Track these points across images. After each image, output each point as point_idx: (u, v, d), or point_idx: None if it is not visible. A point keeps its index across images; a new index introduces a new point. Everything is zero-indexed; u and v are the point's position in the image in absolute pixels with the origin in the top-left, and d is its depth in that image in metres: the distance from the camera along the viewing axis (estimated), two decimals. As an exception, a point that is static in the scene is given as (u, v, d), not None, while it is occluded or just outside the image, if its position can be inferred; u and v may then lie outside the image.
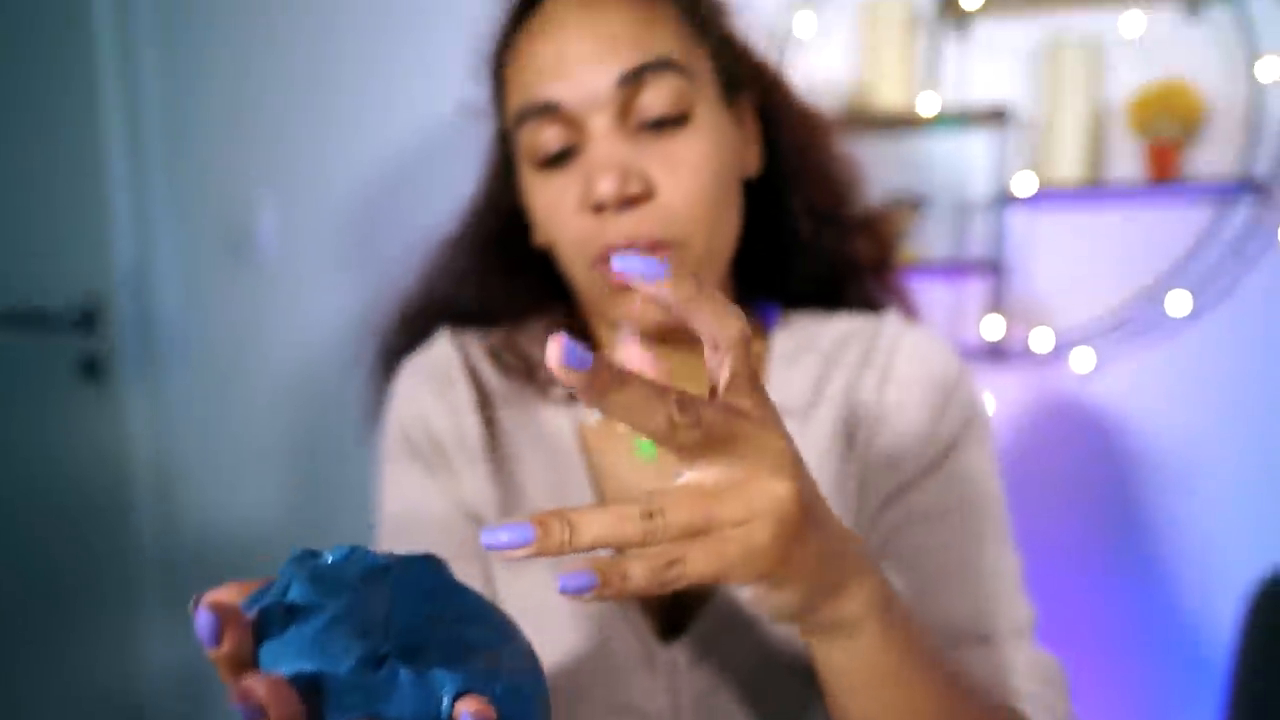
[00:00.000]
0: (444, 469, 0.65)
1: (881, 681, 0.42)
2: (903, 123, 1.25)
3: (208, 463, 1.61)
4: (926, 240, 1.30)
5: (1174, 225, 1.21)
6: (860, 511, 0.64)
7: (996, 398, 1.26)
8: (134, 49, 1.54)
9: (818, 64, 1.30)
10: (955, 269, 1.28)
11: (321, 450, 1.52)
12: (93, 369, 1.60)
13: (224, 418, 1.60)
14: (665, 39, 0.59)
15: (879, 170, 1.28)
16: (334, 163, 1.49)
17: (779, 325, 0.71)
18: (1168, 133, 1.15)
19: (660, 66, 0.58)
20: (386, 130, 1.46)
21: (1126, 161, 1.22)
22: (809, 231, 0.70)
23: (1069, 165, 1.19)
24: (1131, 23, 1.20)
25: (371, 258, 1.46)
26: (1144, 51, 1.20)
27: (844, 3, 1.28)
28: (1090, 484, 1.26)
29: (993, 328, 1.25)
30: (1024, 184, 1.21)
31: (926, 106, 1.23)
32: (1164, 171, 1.16)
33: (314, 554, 0.33)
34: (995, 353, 1.25)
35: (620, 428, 0.66)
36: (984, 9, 1.22)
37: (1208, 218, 1.19)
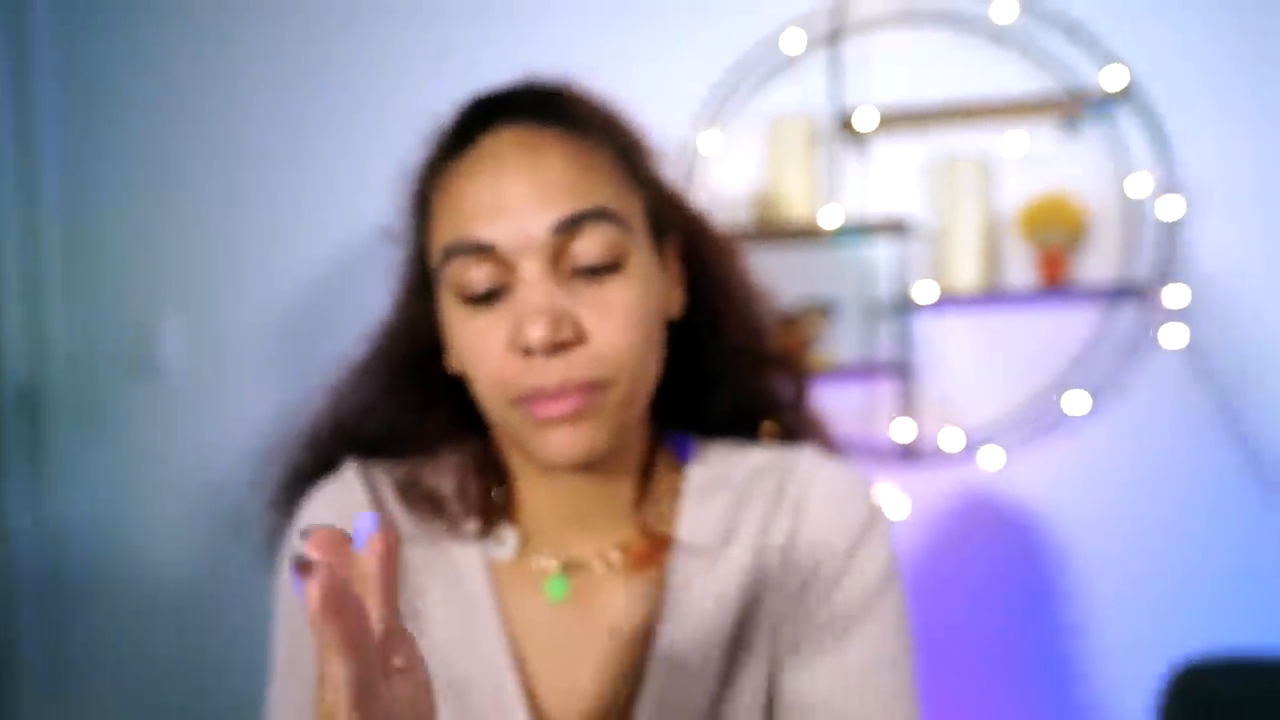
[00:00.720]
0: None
1: None
2: (808, 234, 1.29)
3: (97, 585, 1.52)
4: (836, 345, 1.33)
5: (1067, 327, 1.26)
6: (768, 657, 0.63)
7: (911, 497, 1.28)
8: (35, 161, 1.51)
9: (725, 178, 1.35)
10: (865, 372, 1.31)
11: (220, 574, 1.45)
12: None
13: (118, 537, 1.51)
14: (602, 186, 0.60)
15: (789, 278, 1.33)
16: (245, 280, 1.47)
17: (695, 459, 0.70)
18: (1055, 241, 1.21)
19: (596, 216, 0.58)
20: (300, 248, 1.45)
21: (1020, 268, 1.27)
22: (728, 367, 0.71)
23: (966, 272, 1.24)
24: (1016, 140, 1.27)
25: (284, 377, 1.43)
26: (1029, 166, 1.27)
27: (749, 121, 1.33)
28: (1003, 580, 1.28)
29: (903, 429, 1.27)
30: (925, 291, 1.25)
31: (829, 219, 1.27)
32: (1054, 277, 1.22)
33: None
34: (907, 453, 1.27)
35: (533, 567, 0.65)
36: (881, 127, 1.28)
37: (1097, 320, 1.25)
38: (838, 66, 1.30)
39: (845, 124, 1.28)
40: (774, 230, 1.30)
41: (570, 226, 0.57)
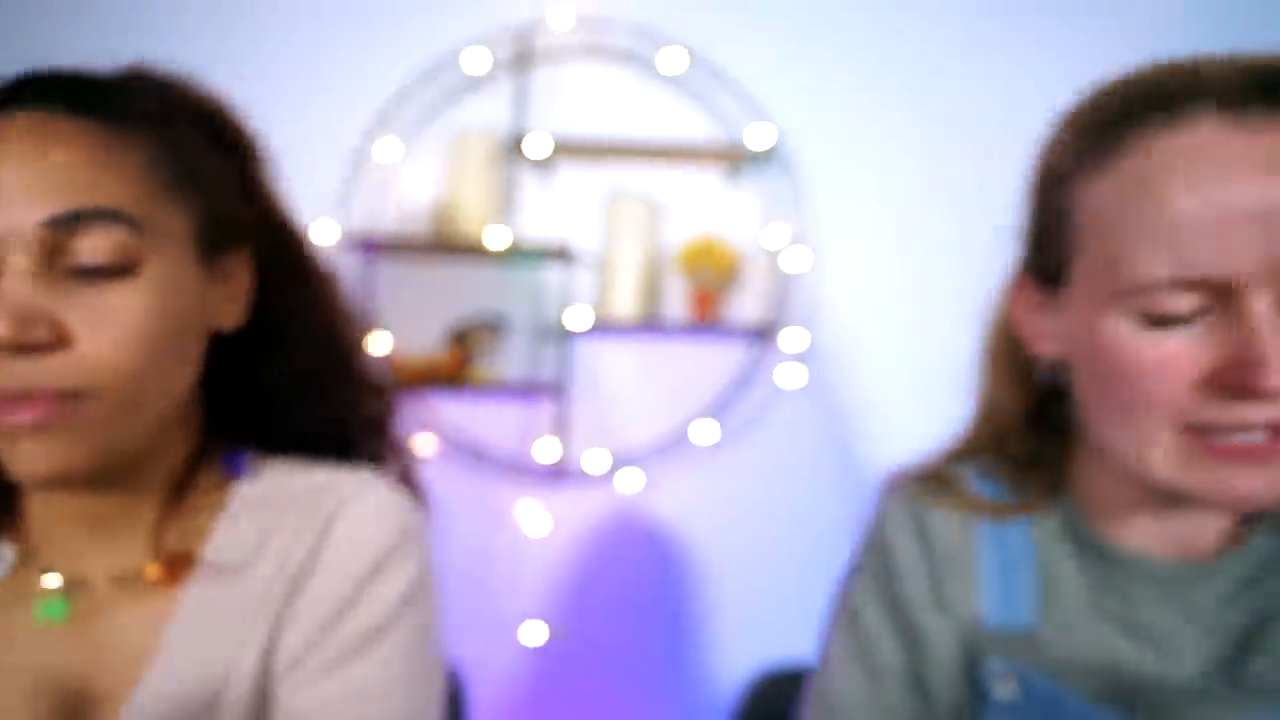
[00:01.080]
0: None
1: None
2: (479, 251, 1.31)
3: None
4: (505, 362, 1.35)
5: (715, 361, 1.35)
6: (268, 677, 0.61)
7: (554, 515, 1.32)
8: None
9: (408, 188, 1.34)
10: (528, 391, 1.33)
11: None
12: None
13: None
14: (123, 185, 0.55)
15: (464, 293, 1.34)
16: None
17: (246, 476, 0.66)
18: (707, 280, 1.29)
19: (102, 215, 0.54)
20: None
21: (677, 303, 1.35)
22: (301, 387, 0.68)
23: (626, 302, 1.30)
24: (684, 182, 1.35)
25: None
26: (695, 208, 1.35)
27: (435, 134, 1.34)
28: (636, 592, 1.33)
29: (549, 449, 1.31)
30: (584, 317, 1.30)
31: (497, 239, 1.29)
32: (705, 314, 1.30)
33: None
34: (554, 473, 1.31)
35: (27, 579, 0.59)
36: (559, 156, 1.33)
37: (741, 357, 1.34)
38: (522, 91, 1.33)
39: (519, 147, 1.31)
40: (450, 244, 1.31)
41: (68, 223, 0.53)
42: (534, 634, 1.31)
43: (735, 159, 1.33)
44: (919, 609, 0.56)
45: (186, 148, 0.60)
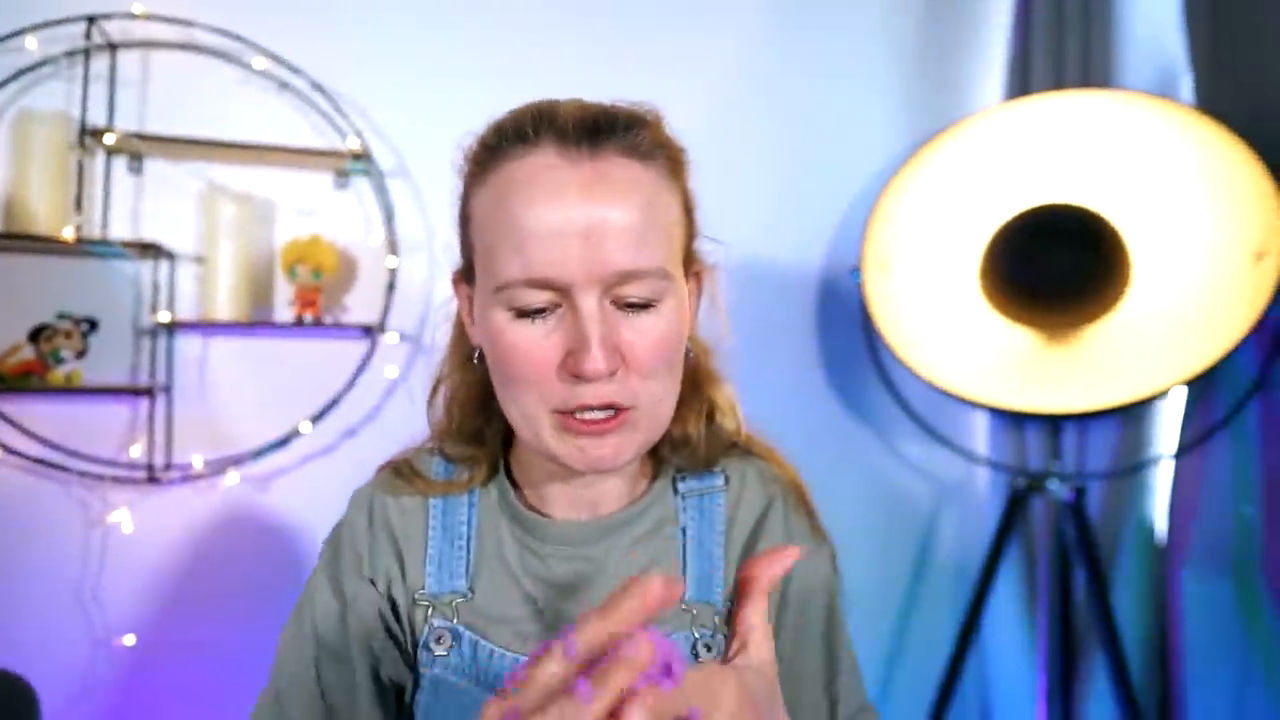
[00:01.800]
0: None
1: None
2: (52, 244, 1.24)
3: None
4: (101, 362, 1.29)
5: (326, 358, 1.39)
6: None
7: (154, 518, 1.30)
8: None
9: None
10: (124, 393, 1.29)
11: None
12: None
13: None
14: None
15: (46, 290, 1.26)
16: None
17: None
18: (307, 279, 1.33)
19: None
20: None
21: (285, 301, 1.37)
22: None
23: (228, 300, 1.30)
24: (291, 183, 1.37)
25: None
26: (306, 211, 1.38)
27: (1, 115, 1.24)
28: (258, 597, 1.35)
29: (147, 450, 1.28)
30: (181, 315, 1.28)
31: (72, 232, 1.23)
32: (309, 312, 1.33)
33: None
34: (151, 476, 1.28)
35: None
36: (144, 148, 1.29)
37: (355, 356, 1.39)
38: (98, 79, 1.27)
39: (96, 133, 1.26)
40: (17, 235, 1.22)
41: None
42: (123, 640, 1.29)
43: (340, 163, 1.38)
44: (348, 575, 0.66)
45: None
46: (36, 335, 1.26)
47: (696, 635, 0.65)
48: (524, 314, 0.57)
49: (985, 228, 1.47)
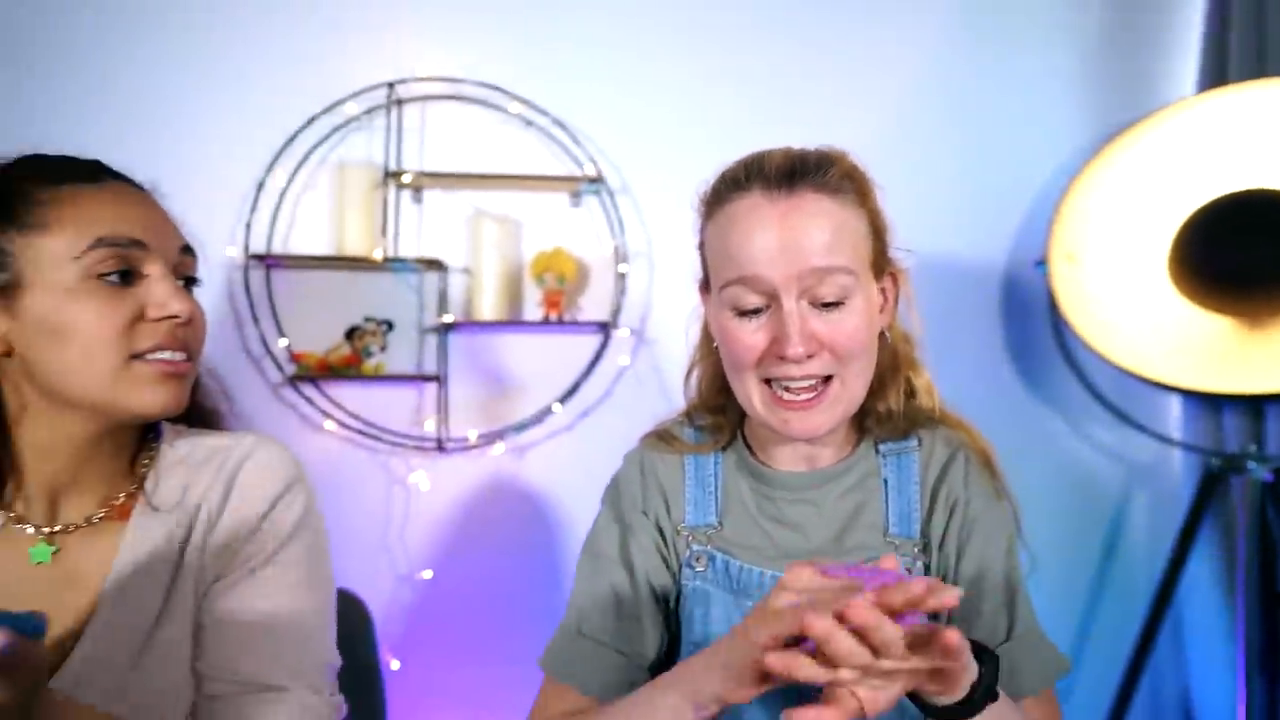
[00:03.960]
0: None
1: None
2: (365, 263, 1.58)
3: None
4: (394, 355, 1.62)
5: (568, 352, 1.66)
6: (195, 593, 0.86)
7: (438, 480, 1.62)
8: None
9: (303, 212, 1.59)
10: (414, 379, 1.62)
11: None
12: None
13: None
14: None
15: (355, 299, 1.60)
16: None
17: (166, 440, 0.91)
18: (552, 285, 1.60)
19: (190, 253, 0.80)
20: None
21: (534, 304, 1.65)
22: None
23: (490, 305, 1.59)
24: (537, 205, 1.65)
25: None
26: (548, 227, 1.66)
27: (320, 163, 1.59)
28: (520, 547, 1.65)
29: (434, 425, 1.60)
30: (456, 316, 1.59)
31: (379, 253, 1.56)
32: (553, 311, 1.61)
33: None
34: (440, 446, 1.60)
35: (13, 534, 0.83)
36: (431, 183, 1.60)
37: (591, 347, 1.66)
38: (394, 131, 1.60)
39: (390, 175, 1.58)
40: (341, 258, 1.57)
41: (188, 251, 0.79)
42: (422, 574, 1.62)
43: (575, 186, 1.64)
44: (629, 512, 0.88)
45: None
46: (351, 334, 1.61)
47: (900, 559, 0.83)
48: (743, 313, 0.77)
49: (1175, 217, 1.52)
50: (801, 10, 1.70)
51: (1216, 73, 1.66)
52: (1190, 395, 1.63)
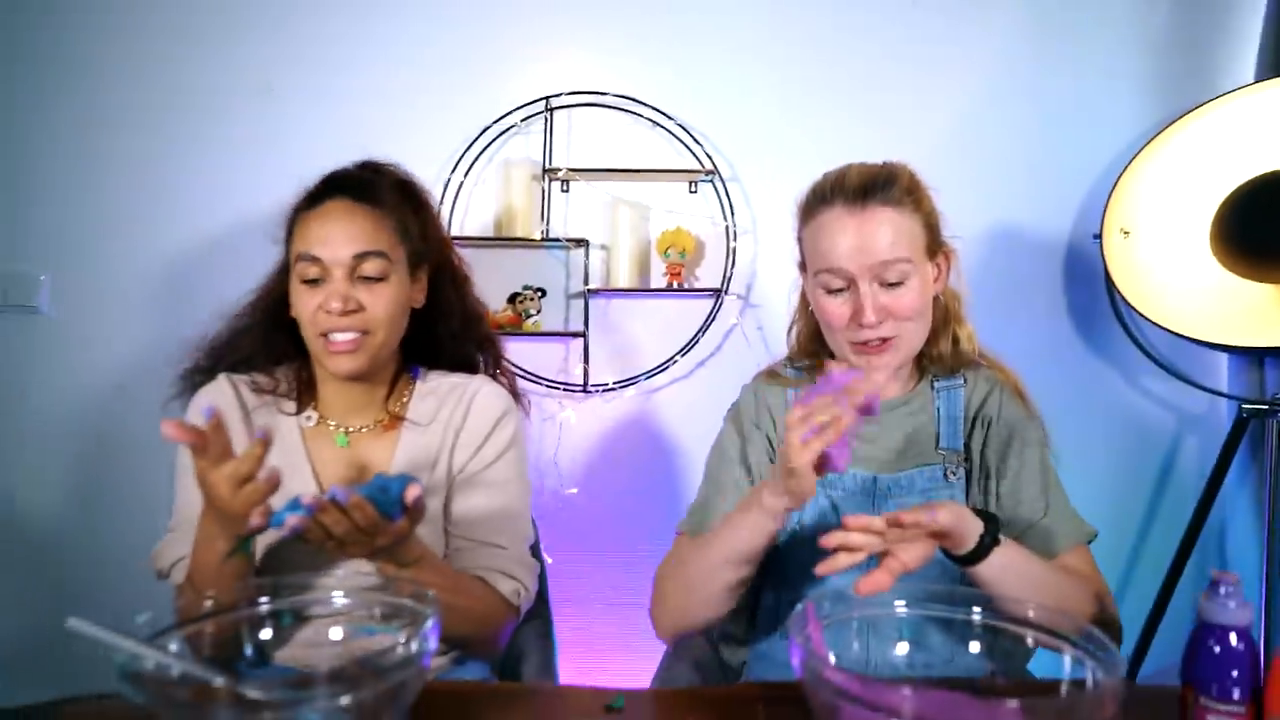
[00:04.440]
0: None
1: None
2: (527, 242, 1.97)
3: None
4: (547, 317, 2.01)
5: (687, 314, 2.02)
6: (446, 479, 1.23)
7: (584, 416, 2.01)
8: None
9: (476, 203, 1.99)
10: (563, 335, 2.01)
11: (87, 463, 1.95)
12: None
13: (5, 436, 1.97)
14: (382, 237, 1.16)
15: (517, 272, 1.99)
16: (106, 249, 1.96)
17: (421, 378, 1.30)
18: (675, 258, 1.95)
19: (376, 254, 1.16)
20: (153, 229, 1.95)
21: (659, 274, 2.01)
22: (451, 334, 1.32)
23: (625, 275, 1.96)
24: (660, 192, 2.01)
25: (136, 324, 1.94)
26: (669, 210, 2.01)
27: (489, 162, 1.99)
28: (647, 471, 2.03)
29: (580, 373, 1.99)
30: (596, 285, 1.97)
31: (538, 232, 1.95)
32: (675, 280, 1.96)
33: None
34: (585, 389, 1.99)
35: (326, 429, 1.24)
36: (574, 175, 1.98)
37: (705, 310, 2.01)
38: (550, 133, 1.98)
39: (547, 170, 1.97)
40: (507, 239, 1.97)
41: (361, 256, 1.17)
42: (570, 490, 2.02)
43: (693, 177, 1.98)
44: (746, 425, 1.22)
45: (403, 214, 1.24)
46: (513, 299, 2.00)
47: (946, 466, 1.15)
48: (831, 291, 1.11)
49: (1217, 195, 1.75)
50: (882, 22, 1.99)
51: (1273, 68, 1.86)
52: (1232, 351, 1.86)
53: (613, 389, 2.01)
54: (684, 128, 1.97)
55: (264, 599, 0.93)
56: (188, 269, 1.95)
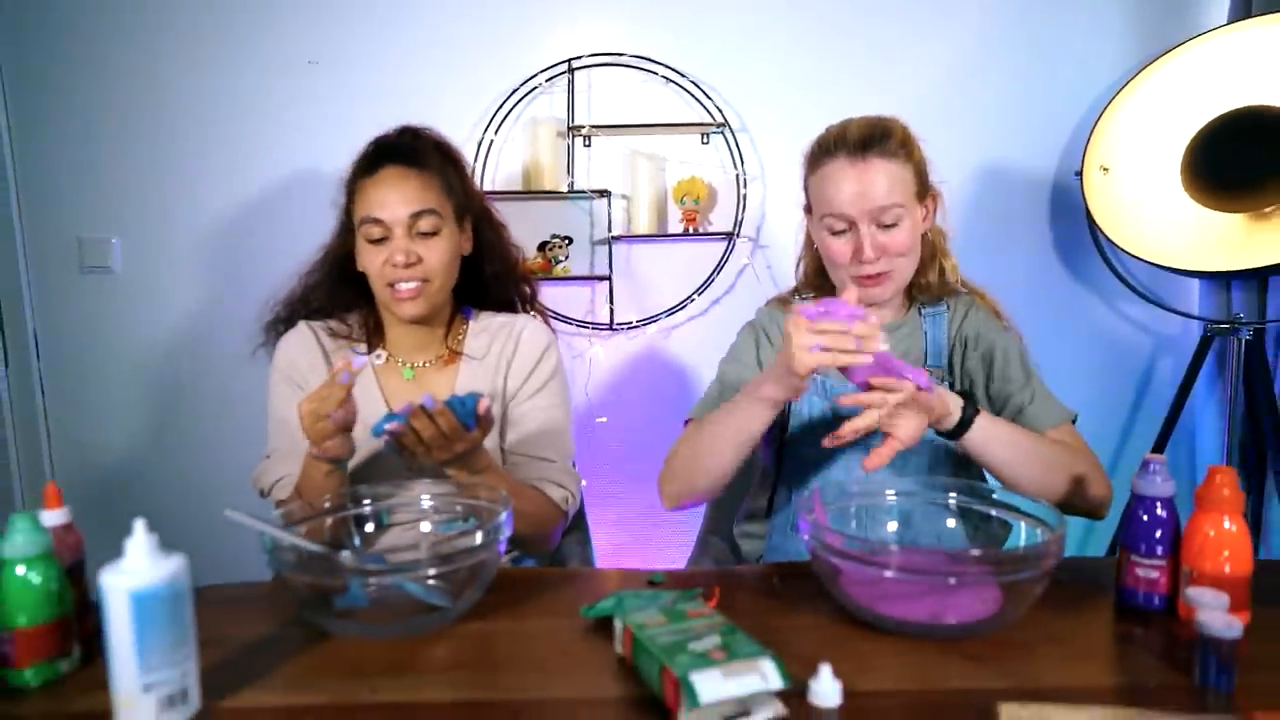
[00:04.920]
0: (304, 388, 1.41)
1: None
2: (555, 194, 2.14)
3: (73, 415, 2.20)
4: (574, 262, 2.20)
5: (702, 256, 2.20)
6: (501, 403, 1.45)
7: (610, 352, 2.21)
8: None
9: (506, 158, 2.16)
10: (589, 279, 2.20)
11: (163, 404, 2.18)
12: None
13: (78, 391, 2.19)
14: (433, 194, 1.34)
15: (545, 221, 2.17)
16: (173, 210, 2.15)
17: (473, 319, 1.50)
18: (690, 205, 2.13)
19: (428, 211, 1.34)
20: (218, 188, 2.14)
21: (675, 220, 2.18)
22: (495, 278, 1.51)
23: (644, 222, 2.14)
24: (675, 144, 2.17)
25: (201, 281, 2.14)
26: (683, 161, 2.17)
27: (517, 121, 2.15)
28: (668, 400, 2.23)
29: (607, 313, 2.19)
30: (618, 231, 2.15)
31: (564, 185, 2.13)
32: (691, 225, 2.14)
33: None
34: (610, 327, 2.19)
35: (395, 366, 1.45)
36: (596, 131, 2.14)
37: (719, 252, 2.19)
38: (573, 92, 2.13)
39: (572, 128, 2.13)
40: (535, 191, 2.14)
41: (416, 215, 1.36)
42: (599, 419, 2.23)
43: (706, 130, 2.14)
44: (759, 335, 1.39)
45: (445, 173, 1.42)
46: (543, 247, 2.19)
47: (932, 376, 1.35)
48: (834, 232, 1.28)
49: (1188, 132, 1.91)
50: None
51: (1244, 9, 1.99)
52: (1202, 276, 2.03)
53: (636, 327, 2.21)
54: (695, 84, 2.13)
55: (366, 500, 1.15)
56: (243, 228, 2.14)
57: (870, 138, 1.24)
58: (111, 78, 2.11)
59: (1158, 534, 0.96)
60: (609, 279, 2.17)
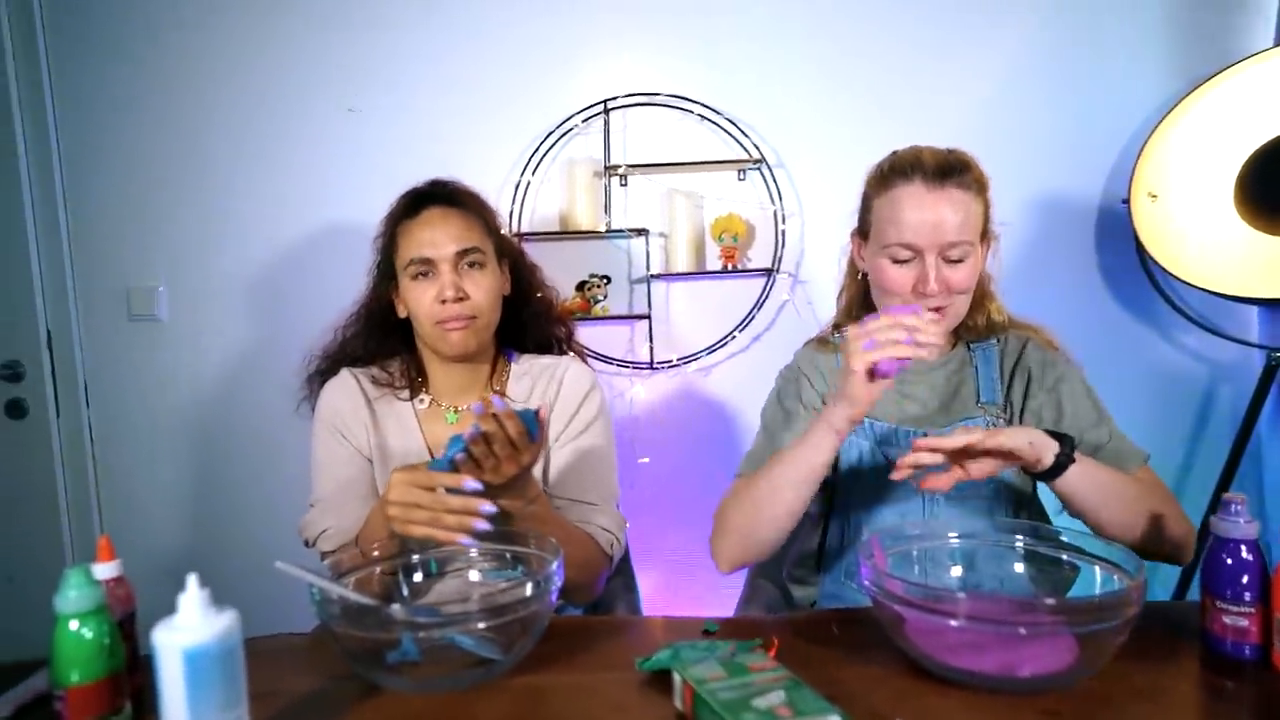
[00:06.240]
0: (347, 436, 1.41)
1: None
2: (592, 234, 2.15)
3: (116, 470, 2.23)
4: (613, 302, 2.19)
5: (741, 293, 2.18)
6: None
7: (650, 391, 2.19)
8: (48, 174, 2.16)
9: (542, 199, 2.18)
10: (628, 318, 2.19)
11: (208, 452, 2.19)
12: (18, 409, 2.17)
13: (127, 438, 2.22)
14: (475, 234, 1.36)
15: (582, 261, 2.17)
16: (215, 259, 2.18)
17: (515, 361, 1.50)
18: (728, 242, 2.12)
19: (474, 250, 1.36)
20: (258, 237, 2.17)
21: (714, 257, 2.17)
22: (533, 320, 1.52)
23: (682, 259, 2.13)
24: (712, 181, 2.17)
25: (243, 326, 2.16)
26: (719, 197, 2.17)
27: (553, 162, 2.16)
28: (711, 439, 2.20)
29: (647, 352, 2.17)
30: (657, 270, 2.14)
31: (601, 225, 2.13)
32: (729, 262, 2.13)
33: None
34: (651, 366, 2.17)
35: (438, 410, 1.44)
36: (632, 170, 2.15)
37: (758, 288, 2.17)
38: (608, 132, 2.15)
39: (609, 168, 2.14)
40: (573, 232, 2.15)
41: (463, 252, 1.37)
42: (641, 459, 2.21)
43: (742, 166, 2.14)
44: (802, 380, 1.37)
45: (486, 219, 1.43)
46: (581, 287, 2.19)
47: (987, 418, 1.31)
48: (897, 261, 1.24)
49: (1239, 156, 1.86)
50: (911, 20, 2.13)
51: (1288, 29, 1.95)
52: (1260, 303, 1.97)
53: (676, 365, 2.19)
54: (731, 121, 2.13)
55: (414, 553, 1.13)
56: (283, 275, 2.16)
57: (950, 166, 1.20)
58: (157, 131, 2.17)
59: (1244, 579, 0.91)
60: (648, 318, 2.17)
